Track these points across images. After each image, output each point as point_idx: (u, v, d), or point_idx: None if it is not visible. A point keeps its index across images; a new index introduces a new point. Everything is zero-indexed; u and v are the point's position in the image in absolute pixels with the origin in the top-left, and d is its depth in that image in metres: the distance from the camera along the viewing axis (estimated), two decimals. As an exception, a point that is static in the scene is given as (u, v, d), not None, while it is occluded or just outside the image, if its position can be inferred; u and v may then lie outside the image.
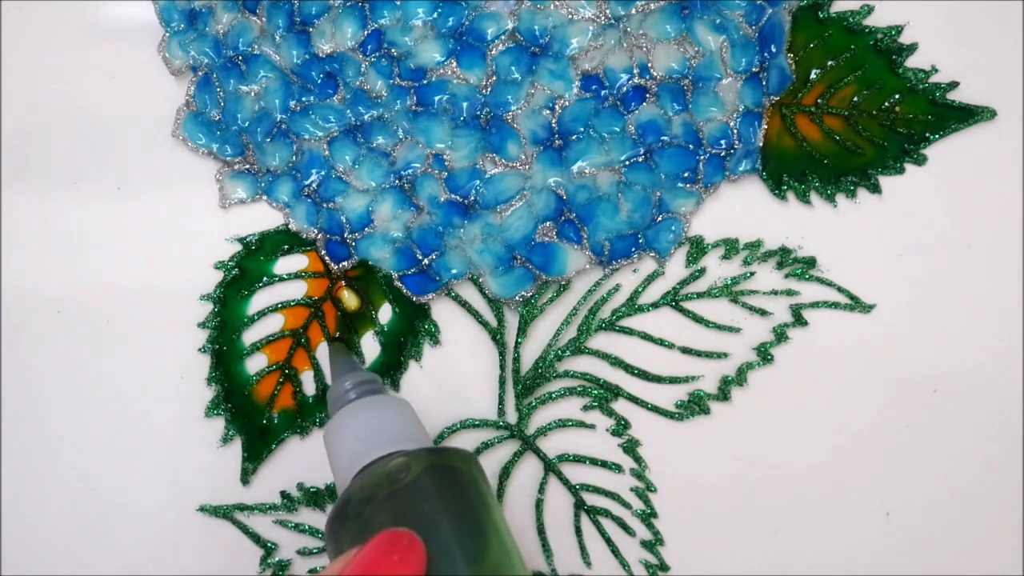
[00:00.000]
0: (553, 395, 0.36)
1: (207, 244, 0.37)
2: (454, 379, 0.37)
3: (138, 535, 0.37)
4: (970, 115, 0.36)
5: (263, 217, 0.37)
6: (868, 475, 0.36)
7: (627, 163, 0.35)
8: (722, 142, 0.35)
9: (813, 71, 0.36)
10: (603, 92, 0.35)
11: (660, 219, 0.36)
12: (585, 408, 0.37)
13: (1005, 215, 0.36)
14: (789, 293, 0.36)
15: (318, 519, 0.37)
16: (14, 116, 0.37)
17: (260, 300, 0.37)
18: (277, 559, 0.37)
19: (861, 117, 0.36)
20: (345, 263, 0.36)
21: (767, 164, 0.36)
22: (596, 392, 0.36)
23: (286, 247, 0.37)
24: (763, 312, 0.36)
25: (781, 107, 0.36)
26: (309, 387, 0.37)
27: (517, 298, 0.36)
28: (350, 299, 0.37)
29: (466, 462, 0.30)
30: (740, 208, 0.36)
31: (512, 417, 0.37)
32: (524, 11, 0.35)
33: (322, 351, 0.37)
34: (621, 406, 0.37)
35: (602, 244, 0.36)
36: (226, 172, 0.37)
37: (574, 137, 0.35)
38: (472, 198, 0.35)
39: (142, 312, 0.37)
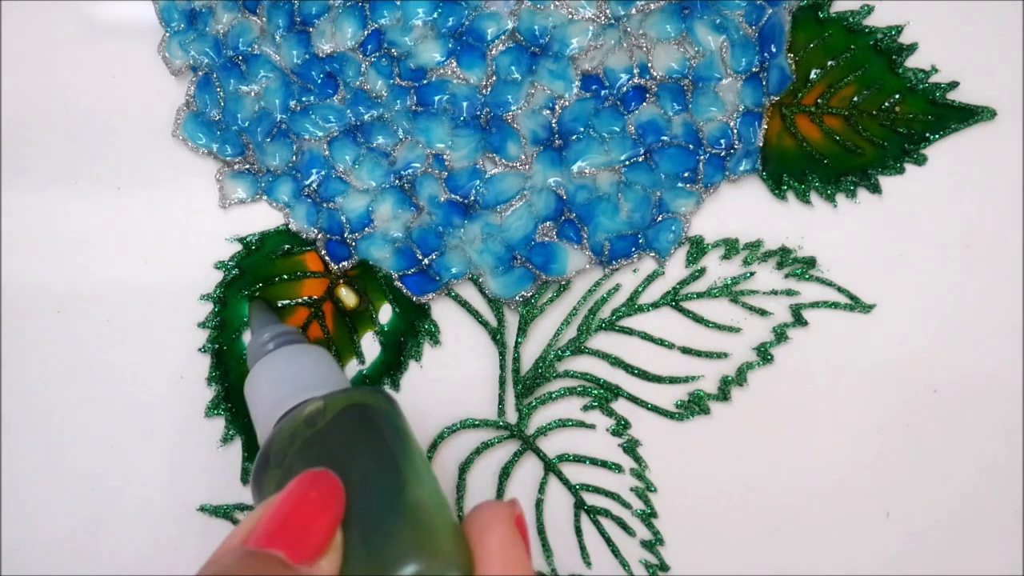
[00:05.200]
0: (553, 395, 0.36)
1: (207, 244, 0.37)
2: (454, 379, 0.37)
3: (138, 535, 0.37)
4: (970, 115, 0.36)
5: (263, 217, 0.37)
6: (868, 475, 0.36)
7: (627, 163, 0.35)
8: (722, 142, 0.35)
9: (813, 71, 0.36)
10: (603, 92, 0.35)
11: (660, 219, 0.36)
12: (585, 408, 0.37)
13: (1005, 215, 0.36)
14: (789, 293, 0.36)
15: (318, 519, 0.37)
16: (14, 115, 0.37)
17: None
18: (277, 559, 0.36)
19: (861, 117, 0.36)
20: (345, 263, 0.36)
21: (767, 164, 0.36)
22: (596, 392, 0.36)
23: (286, 247, 0.37)
24: (763, 312, 0.36)
25: (781, 107, 0.36)
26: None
27: (517, 298, 0.36)
28: (348, 297, 0.37)
29: (378, 399, 0.29)
30: (740, 208, 0.36)
31: (512, 417, 0.37)
32: (524, 11, 0.35)
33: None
34: (621, 406, 0.37)
35: (602, 244, 0.36)
36: (226, 172, 0.37)
37: (574, 137, 0.35)
38: (472, 198, 0.35)
39: (142, 312, 0.37)
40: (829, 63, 0.36)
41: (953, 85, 0.36)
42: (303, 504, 0.25)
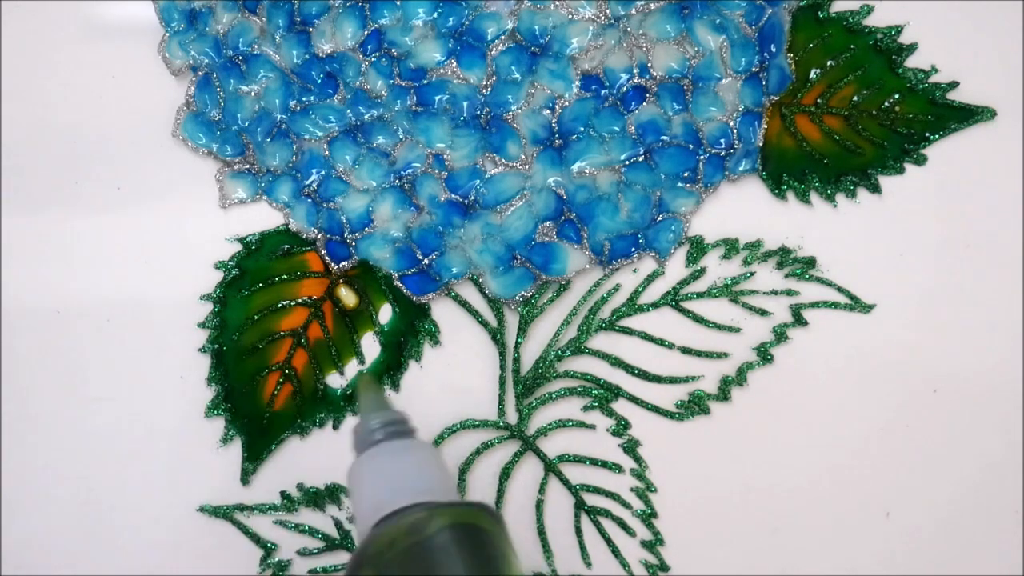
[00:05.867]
0: (553, 395, 0.36)
1: (207, 244, 0.37)
2: (454, 379, 0.37)
3: (138, 535, 0.37)
4: (970, 115, 0.36)
5: (263, 217, 0.37)
6: (868, 475, 0.36)
7: (627, 163, 0.35)
8: (722, 142, 0.35)
9: (813, 71, 0.36)
10: (603, 92, 0.35)
11: (660, 219, 0.36)
12: (585, 408, 0.37)
13: (1005, 215, 0.36)
14: (789, 293, 0.36)
15: (318, 519, 0.37)
16: (14, 116, 0.37)
17: (260, 300, 0.37)
18: (277, 559, 0.37)
19: (861, 117, 0.36)
20: (345, 263, 0.36)
21: (767, 164, 0.36)
22: (596, 392, 0.36)
23: (286, 247, 0.37)
24: (763, 312, 0.36)
25: (781, 107, 0.36)
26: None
27: (517, 298, 0.36)
28: (348, 296, 0.37)
29: (485, 519, 0.29)
30: (740, 208, 0.36)
31: (512, 417, 0.37)
32: (524, 11, 0.35)
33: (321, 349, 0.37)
34: (621, 406, 0.37)
35: (602, 244, 0.36)
36: (226, 172, 0.37)
37: (574, 137, 0.35)
38: (472, 198, 0.35)
39: (142, 312, 0.37)
40: (829, 63, 0.36)
41: (953, 85, 0.36)
42: None
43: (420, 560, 0.27)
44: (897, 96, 0.36)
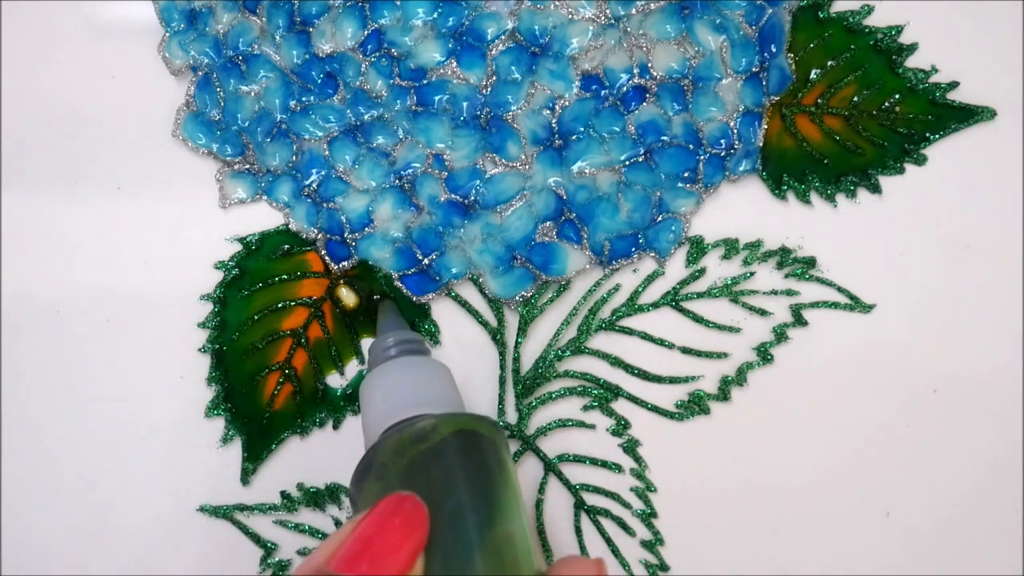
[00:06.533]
0: (553, 395, 0.36)
1: (207, 244, 0.37)
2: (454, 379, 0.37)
3: (138, 535, 0.37)
4: (970, 115, 0.36)
5: (263, 217, 0.37)
6: (868, 475, 0.36)
7: (627, 163, 0.35)
8: (722, 142, 0.35)
9: (813, 71, 0.36)
10: (603, 92, 0.35)
11: (660, 219, 0.36)
12: (585, 408, 0.37)
13: (1005, 215, 0.36)
14: (789, 293, 0.36)
15: (318, 519, 0.37)
16: (14, 116, 0.37)
17: (260, 300, 0.37)
18: (277, 559, 0.37)
19: (861, 117, 0.36)
20: (345, 263, 0.36)
21: (767, 164, 0.36)
22: (596, 392, 0.36)
23: (286, 247, 0.37)
24: (763, 312, 0.36)
25: (781, 107, 0.36)
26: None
27: (517, 298, 0.36)
28: (348, 296, 0.37)
29: (488, 428, 0.29)
30: (740, 208, 0.36)
31: (512, 417, 0.37)
32: (524, 11, 0.35)
33: (321, 350, 0.37)
34: (621, 406, 0.37)
35: (602, 244, 0.36)
36: (226, 172, 0.37)
37: (574, 137, 0.35)
38: (472, 198, 0.35)
39: (142, 312, 0.37)
40: (829, 63, 0.36)
41: (953, 85, 0.36)
42: (386, 529, 0.25)
43: (423, 470, 0.28)
44: (897, 96, 0.36)
